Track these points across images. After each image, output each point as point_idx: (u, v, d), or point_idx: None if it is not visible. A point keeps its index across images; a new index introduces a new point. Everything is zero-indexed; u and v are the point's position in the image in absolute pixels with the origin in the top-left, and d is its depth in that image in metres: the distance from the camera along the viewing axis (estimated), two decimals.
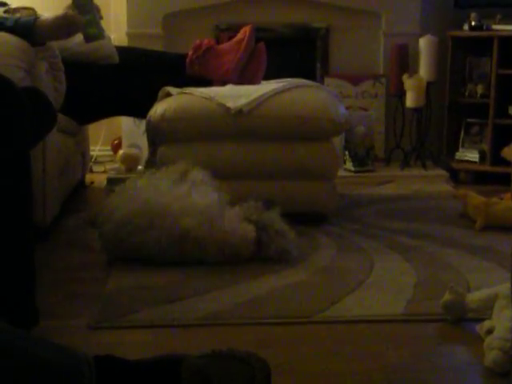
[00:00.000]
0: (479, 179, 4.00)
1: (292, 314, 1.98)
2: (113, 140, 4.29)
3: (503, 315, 1.72)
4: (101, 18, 2.55)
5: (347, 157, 4.09)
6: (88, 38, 2.53)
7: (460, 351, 1.76)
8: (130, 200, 2.44)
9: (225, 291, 2.16)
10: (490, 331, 1.72)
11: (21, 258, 1.71)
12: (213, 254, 2.38)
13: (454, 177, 4.05)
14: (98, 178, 3.94)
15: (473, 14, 4.04)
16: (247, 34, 3.22)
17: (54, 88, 2.73)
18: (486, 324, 1.77)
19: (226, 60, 3.20)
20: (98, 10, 2.53)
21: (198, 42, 3.29)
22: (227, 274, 2.31)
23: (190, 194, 2.45)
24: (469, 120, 4.20)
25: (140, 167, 3.87)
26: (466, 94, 4.14)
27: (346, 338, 1.84)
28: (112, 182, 3.75)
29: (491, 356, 1.62)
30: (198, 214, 2.39)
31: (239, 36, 3.26)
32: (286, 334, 1.86)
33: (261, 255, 2.45)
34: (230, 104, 2.85)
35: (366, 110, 4.28)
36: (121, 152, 4.03)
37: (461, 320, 1.90)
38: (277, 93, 2.93)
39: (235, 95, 2.90)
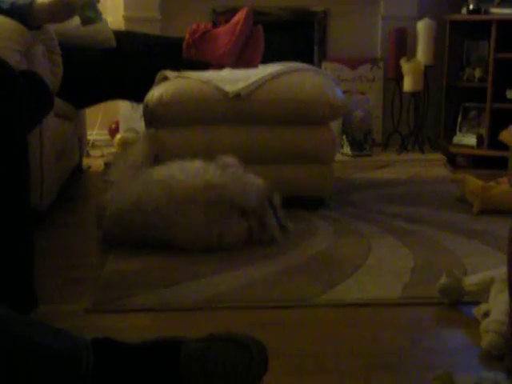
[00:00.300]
0: (477, 163, 4.00)
1: (289, 297, 1.98)
2: (110, 124, 4.28)
3: (499, 298, 1.73)
4: (98, 1, 2.53)
5: (345, 141, 4.09)
6: (85, 21, 2.52)
7: (457, 334, 1.77)
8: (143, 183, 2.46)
9: (222, 275, 2.16)
10: (486, 314, 1.73)
11: (19, 242, 1.71)
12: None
13: (452, 161, 4.05)
14: (95, 162, 3.94)
15: None
16: (243, 16, 3.21)
17: (50, 71, 2.72)
18: (483, 307, 1.78)
19: (222, 43, 3.19)
20: None
21: (194, 25, 3.27)
22: (224, 258, 2.31)
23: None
24: (466, 104, 4.19)
25: None
26: (464, 78, 4.14)
27: (343, 321, 1.84)
28: (109, 166, 3.75)
29: (488, 339, 1.63)
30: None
31: (235, 19, 3.25)
32: (283, 318, 1.86)
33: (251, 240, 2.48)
34: (228, 88, 2.84)
35: (363, 94, 4.28)
36: (118, 136, 4.03)
37: (458, 303, 1.91)
38: (274, 77, 2.92)
39: (233, 79, 2.90)
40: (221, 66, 3.14)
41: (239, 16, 3.23)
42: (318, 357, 1.64)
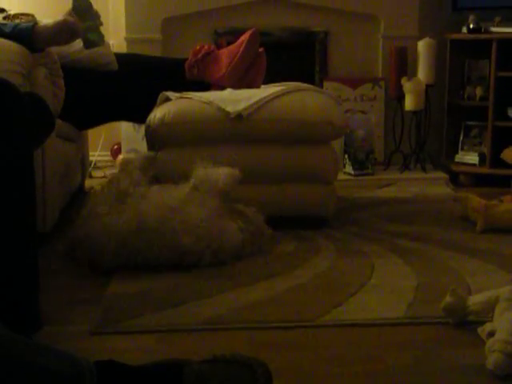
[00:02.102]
0: (479, 181, 4.00)
1: (293, 317, 1.98)
2: (112, 145, 4.29)
3: (504, 317, 1.72)
4: (101, 24, 2.54)
5: (347, 160, 4.09)
6: (88, 44, 2.53)
7: (461, 354, 1.76)
8: (125, 218, 2.41)
9: (226, 295, 2.15)
10: (491, 334, 1.72)
11: (24, 263, 1.71)
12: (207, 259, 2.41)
13: (454, 179, 4.05)
14: (97, 183, 3.94)
15: (471, 17, 4.04)
16: (247, 37, 3.21)
17: (52, 94, 2.73)
18: (488, 326, 1.77)
19: (224, 64, 3.20)
20: (97, 16, 2.53)
21: (197, 46, 3.29)
22: (228, 278, 2.31)
23: (189, 203, 2.45)
24: (468, 122, 4.20)
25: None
26: (465, 96, 4.15)
27: (346, 341, 1.83)
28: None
29: (493, 359, 1.61)
30: (196, 228, 2.39)
31: (240, 40, 3.26)
32: (287, 338, 1.85)
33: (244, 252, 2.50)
34: (230, 108, 2.85)
35: (365, 113, 4.29)
36: (120, 157, 4.03)
37: (462, 323, 1.90)
38: (276, 97, 2.93)
39: (234, 99, 2.91)
40: (222, 87, 3.15)
41: (244, 37, 3.24)
42: (321, 378, 1.62)
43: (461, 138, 4.20)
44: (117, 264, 2.37)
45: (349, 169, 4.08)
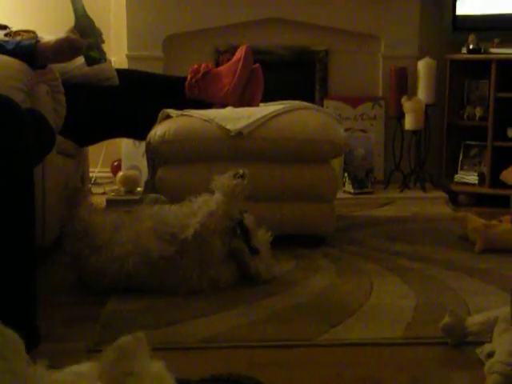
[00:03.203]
0: (478, 201, 4.00)
1: (291, 336, 1.97)
2: (112, 162, 4.30)
3: (503, 339, 1.71)
4: (103, 41, 2.55)
5: (346, 179, 4.10)
6: (89, 62, 2.53)
7: (460, 375, 1.75)
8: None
9: (223, 314, 2.15)
10: (490, 355, 1.71)
11: (23, 278, 1.71)
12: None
13: (454, 199, 4.05)
14: (97, 199, 3.94)
15: (471, 38, 4.07)
16: (243, 53, 3.24)
17: (53, 110, 2.73)
18: (487, 347, 1.76)
19: (225, 82, 3.22)
20: (99, 33, 2.54)
21: (195, 66, 3.31)
22: (225, 297, 2.30)
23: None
24: (468, 142, 4.21)
25: (139, 189, 3.87)
26: (465, 116, 4.16)
27: (345, 361, 1.83)
28: (111, 203, 3.75)
29: (492, 380, 1.61)
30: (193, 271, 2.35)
31: (235, 57, 3.29)
32: (285, 357, 1.85)
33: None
34: (230, 126, 2.85)
35: (365, 132, 4.30)
36: (120, 174, 4.03)
37: (461, 343, 1.89)
38: (276, 115, 2.94)
39: (235, 117, 2.91)
40: (224, 105, 3.16)
41: (239, 54, 3.26)
42: None
43: (460, 157, 4.21)
44: (116, 286, 2.36)
45: (348, 187, 4.08)
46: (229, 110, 3.05)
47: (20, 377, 0.98)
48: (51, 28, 3.63)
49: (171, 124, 2.92)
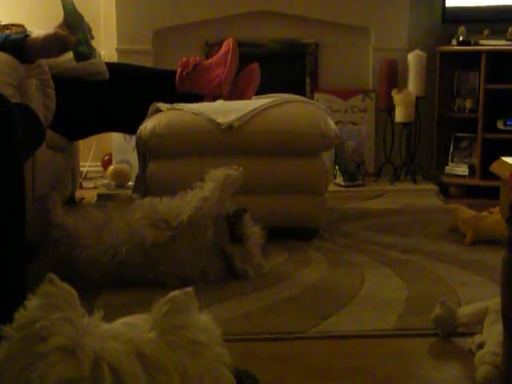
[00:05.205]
0: (469, 193, 4.02)
1: (283, 329, 1.97)
2: (103, 156, 4.29)
3: (494, 329, 1.72)
4: (92, 37, 2.54)
5: (337, 171, 4.10)
6: (78, 57, 2.52)
7: (451, 366, 1.76)
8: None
9: (214, 307, 2.15)
10: (480, 346, 1.72)
11: (12, 273, 1.70)
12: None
13: (444, 191, 4.06)
14: (88, 194, 3.93)
15: (461, 30, 4.07)
16: (231, 45, 3.25)
17: (43, 105, 2.73)
18: (477, 338, 1.77)
19: (217, 73, 3.22)
20: (89, 29, 2.53)
21: (184, 59, 3.30)
22: (217, 290, 2.30)
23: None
24: (458, 134, 4.22)
25: (130, 183, 3.87)
26: (455, 108, 4.17)
27: (337, 353, 1.83)
28: (102, 197, 3.75)
29: (482, 371, 1.61)
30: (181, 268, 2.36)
31: (224, 49, 3.29)
32: (276, 350, 1.85)
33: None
34: (221, 119, 2.85)
35: (355, 124, 4.30)
36: (111, 168, 4.03)
37: (452, 334, 1.90)
38: (267, 108, 2.94)
39: (225, 110, 2.91)
40: (216, 97, 3.16)
41: (227, 46, 3.27)
42: None
43: (451, 149, 4.22)
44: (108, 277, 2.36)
45: (339, 180, 4.09)
46: (219, 103, 3.05)
47: (76, 325, 1.04)
48: (41, 22, 3.62)
49: (161, 118, 2.92)
